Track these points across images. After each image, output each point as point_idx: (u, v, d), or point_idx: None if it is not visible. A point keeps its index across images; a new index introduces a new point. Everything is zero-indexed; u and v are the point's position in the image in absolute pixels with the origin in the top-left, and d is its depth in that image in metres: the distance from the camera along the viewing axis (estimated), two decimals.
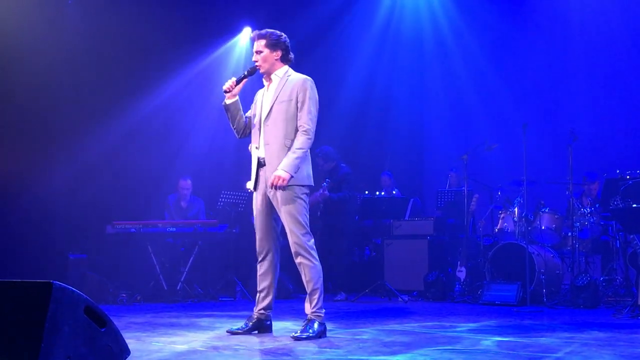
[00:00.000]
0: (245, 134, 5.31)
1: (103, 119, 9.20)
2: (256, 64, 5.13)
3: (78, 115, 9.00)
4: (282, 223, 5.14)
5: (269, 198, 5.08)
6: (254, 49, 5.15)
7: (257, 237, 5.17)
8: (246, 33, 11.05)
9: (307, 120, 4.97)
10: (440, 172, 10.61)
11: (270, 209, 5.10)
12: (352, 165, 9.18)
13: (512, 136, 9.12)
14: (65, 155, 8.89)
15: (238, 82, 5.17)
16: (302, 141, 4.94)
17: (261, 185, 5.11)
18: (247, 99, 5.41)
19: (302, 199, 4.98)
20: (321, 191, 8.43)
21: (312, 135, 4.99)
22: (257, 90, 5.36)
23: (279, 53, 5.12)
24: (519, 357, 4.00)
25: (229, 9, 10.68)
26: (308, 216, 5.02)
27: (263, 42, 5.10)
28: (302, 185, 5.00)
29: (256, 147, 5.12)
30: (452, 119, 11.60)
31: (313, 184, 5.15)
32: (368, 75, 11.39)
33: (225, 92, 5.17)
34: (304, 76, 5.12)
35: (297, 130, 5.00)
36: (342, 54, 11.31)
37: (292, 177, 4.88)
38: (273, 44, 5.10)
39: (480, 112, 11.02)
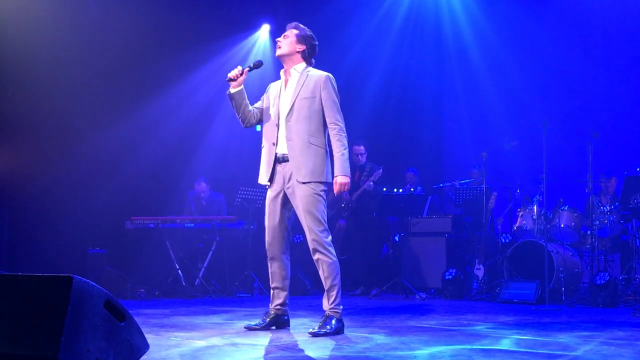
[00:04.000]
0: (251, 123, 5.29)
1: (122, 116, 9.28)
2: (277, 44, 5.14)
3: (97, 112, 9.07)
4: (294, 219, 5.15)
5: (284, 194, 5.08)
6: (283, 35, 5.17)
7: (268, 234, 5.16)
8: (265, 30, 11.08)
9: (338, 118, 5.03)
10: (460, 169, 10.56)
11: (284, 205, 5.10)
12: (371, 161, 9.19)
13: (532, 133, 9.07)
14: (84, 151, 8.98)
15: (243, 72, 5.16)
16: (343, 141, 5.02)
17: (278, 181, 5.11)
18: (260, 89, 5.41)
19: (321, 195, 4.98)
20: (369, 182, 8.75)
21: (345, 132, 5.06)
22: (268, 83, 5.36)
23: (303, 47, 5.12)
24: (538, 355, 3.98)
25: (247, 6, 10.69)
26: (326, 212, 5.03)
27: (295, 31, 5.13)
28: (322, 182, 5.01)
29: (273, 144, 5.11)
30: (471, 115, 11.54)
31: (331, 181, 5.17)
32: (387, 71, 11.35)
33: (230, 80, 5.15)
34: (325, 73, 5.12)
35: (321, 126, 5.03)
36: (362, 49, 11.27)
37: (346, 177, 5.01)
38: (302, 37, 5.12)
39: (500, 109, 10.96)
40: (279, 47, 5.13)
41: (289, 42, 5.11)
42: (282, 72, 5.23)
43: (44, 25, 8.56)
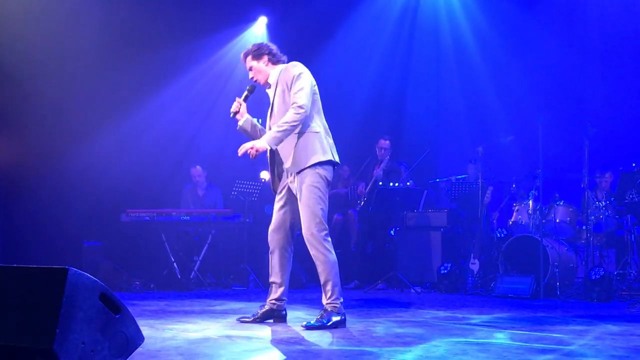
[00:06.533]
0: None
1: (118, 108, 9.25)
2: (254, 79, 5.21)
3: (93, 105, 9.04)
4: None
5: (288, 188, 5.07)
6: (247, 69, 5.23)
7: (270, 227, 5.15)
8: (261, 22, 11.04)
9: (297, 96, 4.90)
10: (456, 164, 10.56)
11: (290, 201, 5.07)
12: (367, 155, 9.20)
13: (528, 128, 9.05)
14: (80, 144, 8.95)
15: (241, 102, 5.22)
16: (289, 115, 4.86)
17: (283, 179, 5.12)
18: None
19: (317, 187, 4.92)
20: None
21: (302, 110, 4.85)
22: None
23: (266, 58, 5.15)
24: (532, 349, 3.99)
25: None
26: (324, 205, 4.96)
27: (249, 57, 5.19)
28: (314, 166, 4.93)
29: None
30: (467, 110, 11.52)
31: (334, 159, 5.03)
32: (383, 65, 11.34)
33: (234, 114, 5.19)
34: (289, 63, 5.15)
35: None
36: (359, 41, 11.25)
37: (272, 149, 4.94)
38: (257, 55, 5.16)
39: (496, 104, 10.94)
40: (258, 81, 5.20)
41: (255, 69, 5.17)
42: (266, 90, 5.26)
43: (41, 23, 8.53)
